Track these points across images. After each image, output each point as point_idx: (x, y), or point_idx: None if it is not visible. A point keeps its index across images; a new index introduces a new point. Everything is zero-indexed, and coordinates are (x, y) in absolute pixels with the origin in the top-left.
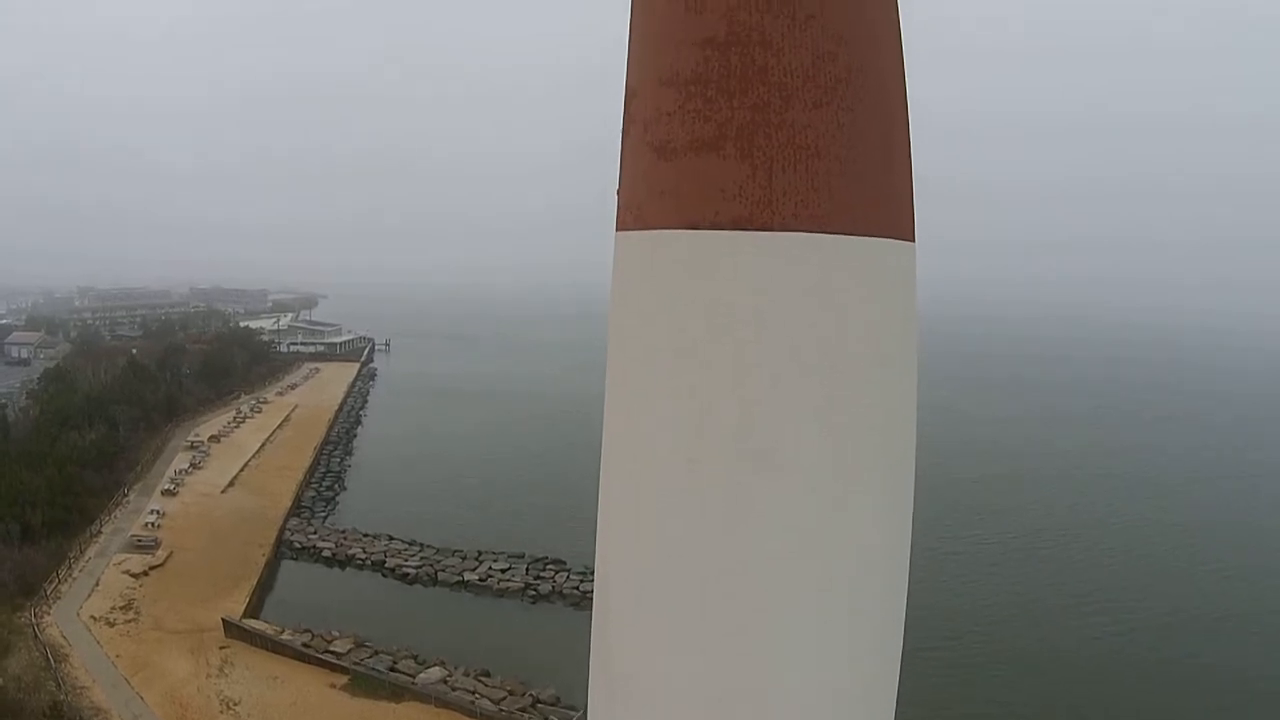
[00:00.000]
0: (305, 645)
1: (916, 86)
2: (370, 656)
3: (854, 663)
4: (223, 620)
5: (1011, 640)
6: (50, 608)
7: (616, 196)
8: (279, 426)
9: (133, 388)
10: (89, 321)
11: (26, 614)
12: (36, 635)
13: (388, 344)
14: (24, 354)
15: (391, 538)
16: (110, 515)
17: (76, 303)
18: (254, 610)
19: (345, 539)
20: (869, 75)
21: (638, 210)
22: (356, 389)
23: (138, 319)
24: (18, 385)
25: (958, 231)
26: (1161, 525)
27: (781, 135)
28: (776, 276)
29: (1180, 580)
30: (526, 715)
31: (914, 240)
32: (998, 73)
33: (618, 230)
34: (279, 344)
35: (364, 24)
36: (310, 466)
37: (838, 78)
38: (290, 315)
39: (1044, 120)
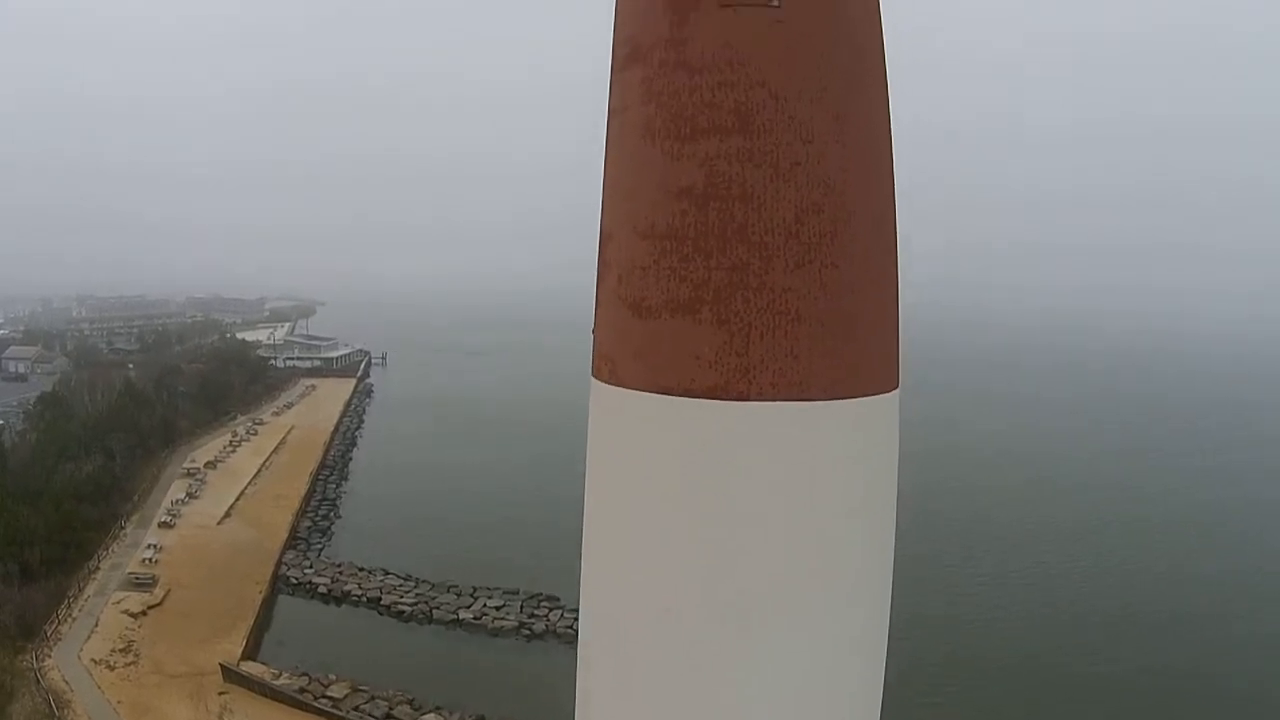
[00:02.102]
0: (302, 690)
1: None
2: (367, 702)
3: None
4: (221, 665)
5: (998, 648)
6: (51, 650)
7: (592, 335)
8: (275, 450)
9: (129, 414)
10: (86, 333)
11: (28, 657)
12: (39, 680)
13: (384, 357)
14: (21, 369)
15: (387, 572)
16: (108, 550)
17: (74, 313)
18: (252, 651)
19: (341, 574)
20: (857, 223)
21: (612, 365)
22: (353, 407)
23: (135, 330)
24: (15, 403)
25: (959, 235)
26: (1152, 530)
27: (761, 300)
28: (751, 445)
29: (1170, 584)
30: None
31: (897, 386)
32: (1000, 82)
33: (593, 376)
34: (275, 359)
35: (363, 28)
36: (306, 495)
37: (823, 232)
38: (287, 325)
39: (1043, 128)
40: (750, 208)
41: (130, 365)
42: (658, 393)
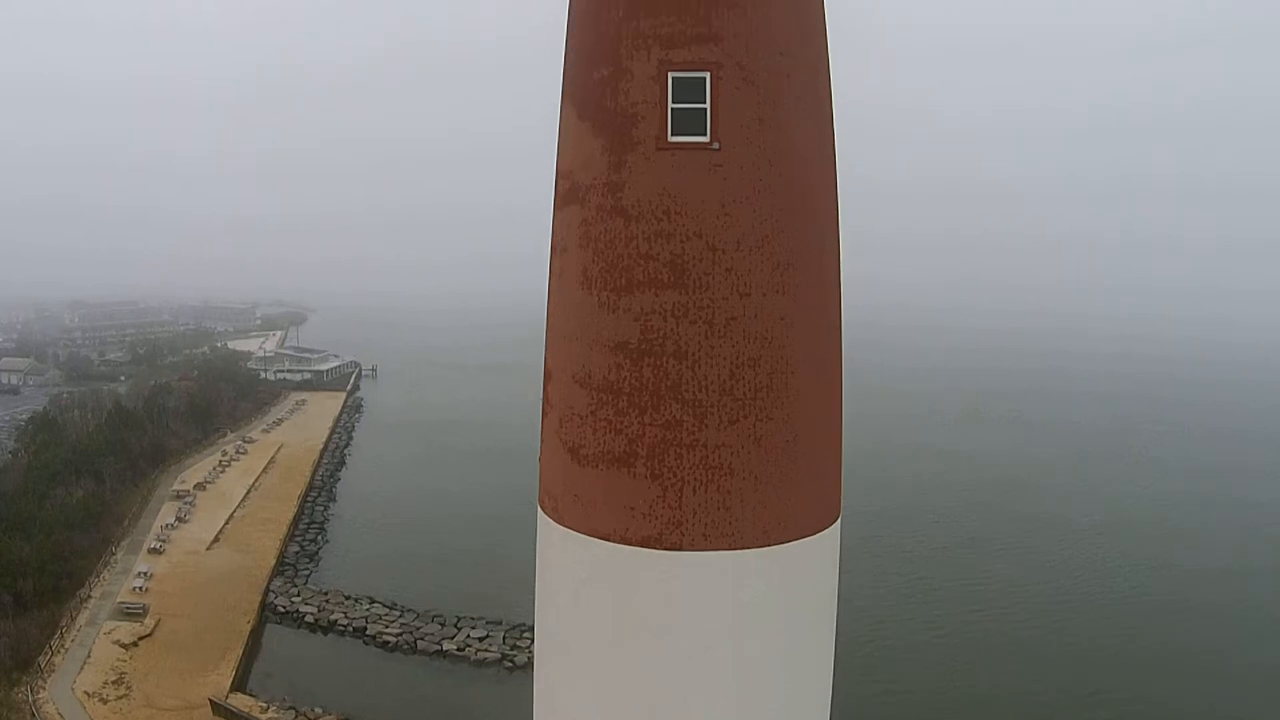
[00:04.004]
0: None
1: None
2: None
3: None
4: (210, 700)
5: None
6: (45, 682)
7: (539, 464)
8: (264, 470)
9: (119, 436)
10: (78, 342)
11: (23, 689)
12: (34, 714)
13: (374, 370)
14: (13, 381)
15: (373, 600)
16: (99, 577)
17: (66, 321)
18: (240, 682)
19: (328, 602)
20: (796, 372)
21: (554, 504)
22: (342, 423)
23: (126, 339)
24: (6, 418)
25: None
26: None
27: (693, 456)
28: (685, 593)
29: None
30: None
31: (838, 517)
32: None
33: (539, 507)
34: (265, 371)
35: (357, 19)
36: (294, 518)
37: (758, 386)
38: (278, 334)
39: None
40: (685, 365)
41: (122, 377)
42: (596, 537)
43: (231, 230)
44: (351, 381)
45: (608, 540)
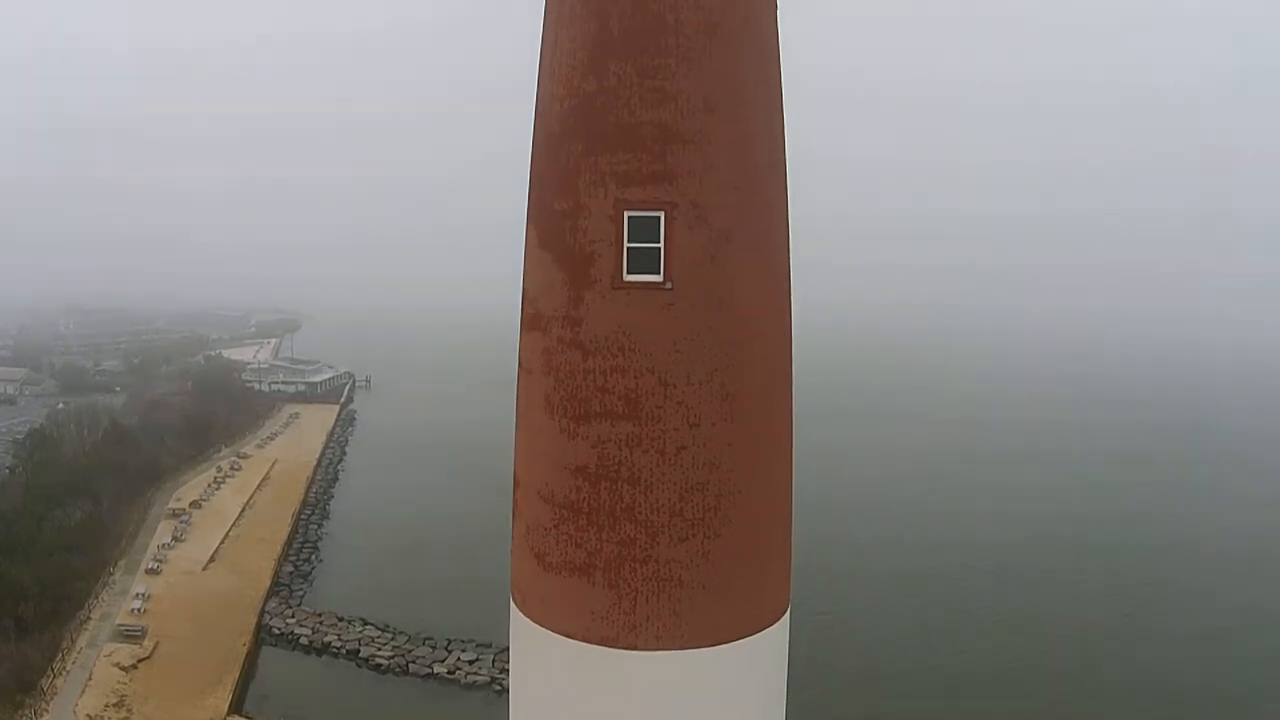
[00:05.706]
0: None
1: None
2: None
3: None
4: None
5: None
6: (48, 705)
7: (510, 556)
8: (258, 487)
9: (116, 455)
10: (73, 349)
11: (26, 713)
12: None
13: (368, 380)
14: (10, 391)
15: (365, 622)
16: (98, 599)
17: (61, 327)
18: (237, 705)
19: (321, 624)
20: (743, 492)
21: (524, 600)
22: (336, 436)
23: (121, 347)
24: (4, 430)
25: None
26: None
27: (646, 569)
28: (639, 689)
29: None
30: None
31: (787, 609)
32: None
33: (511, 599)
34: (259, 383)
35: (355, 52)
36: (288, 537)
37: (707, 507)
38: (273, 342)
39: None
40: (638, 490)
41: (117, 388)
42: (560, 634)
43: (231, 231)
44: (345, 393)
45: (570, 638)
